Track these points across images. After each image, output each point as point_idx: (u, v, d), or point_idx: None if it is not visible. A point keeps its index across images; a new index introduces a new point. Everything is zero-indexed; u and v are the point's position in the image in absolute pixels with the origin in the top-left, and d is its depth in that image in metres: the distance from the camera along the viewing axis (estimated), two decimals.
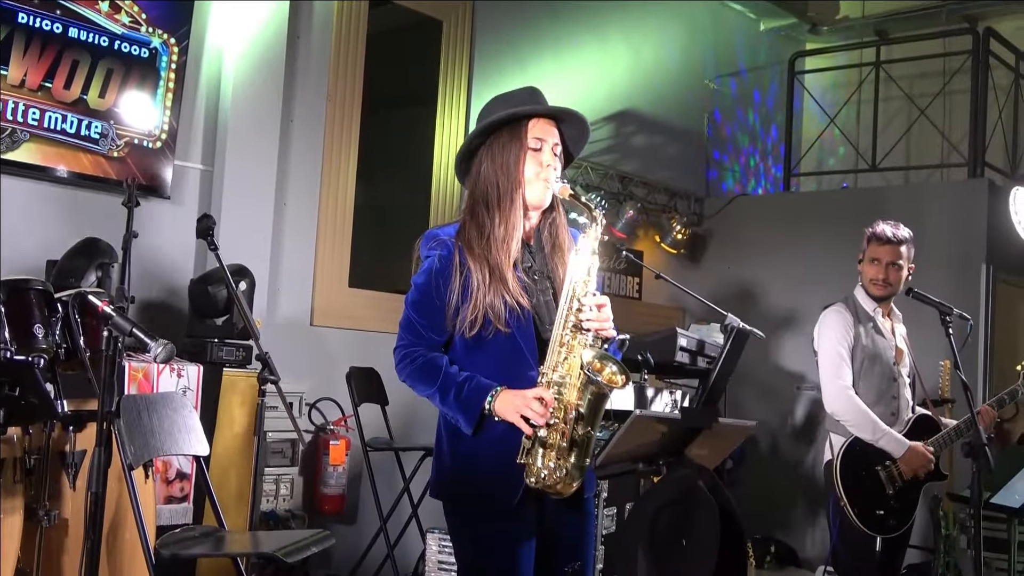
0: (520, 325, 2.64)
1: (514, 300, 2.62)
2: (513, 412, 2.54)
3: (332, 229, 5.91)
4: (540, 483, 2.54)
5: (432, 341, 2.74)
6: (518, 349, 2.64)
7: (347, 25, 5.98)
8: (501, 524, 2.63)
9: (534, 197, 2.72)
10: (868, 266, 4.40)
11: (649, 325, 6.66)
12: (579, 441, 2.53)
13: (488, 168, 2.73)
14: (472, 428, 2.60)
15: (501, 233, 2.67)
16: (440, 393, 2.65)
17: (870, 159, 7.96)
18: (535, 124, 2.73)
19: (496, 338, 2.63)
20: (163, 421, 3.71)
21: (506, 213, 2.68)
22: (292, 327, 5.67)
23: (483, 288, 2.62)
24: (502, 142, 2.73)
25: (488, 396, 2.58)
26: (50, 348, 3.20)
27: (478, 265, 2.65)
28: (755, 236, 7.88)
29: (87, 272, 4.15)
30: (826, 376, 4.34)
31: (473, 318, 2.62)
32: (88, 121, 4.81)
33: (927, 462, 4.23)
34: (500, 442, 2.59)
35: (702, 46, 8.41)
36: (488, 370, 2.64)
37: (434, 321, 2.71)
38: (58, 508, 3.33)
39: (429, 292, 2.72)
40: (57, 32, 4.68)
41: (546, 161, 2.72)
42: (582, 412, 2.53)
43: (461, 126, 6.58)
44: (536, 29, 7.06)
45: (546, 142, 2.73)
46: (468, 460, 2.66)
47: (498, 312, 2.61)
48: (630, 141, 7.77)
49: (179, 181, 5.20)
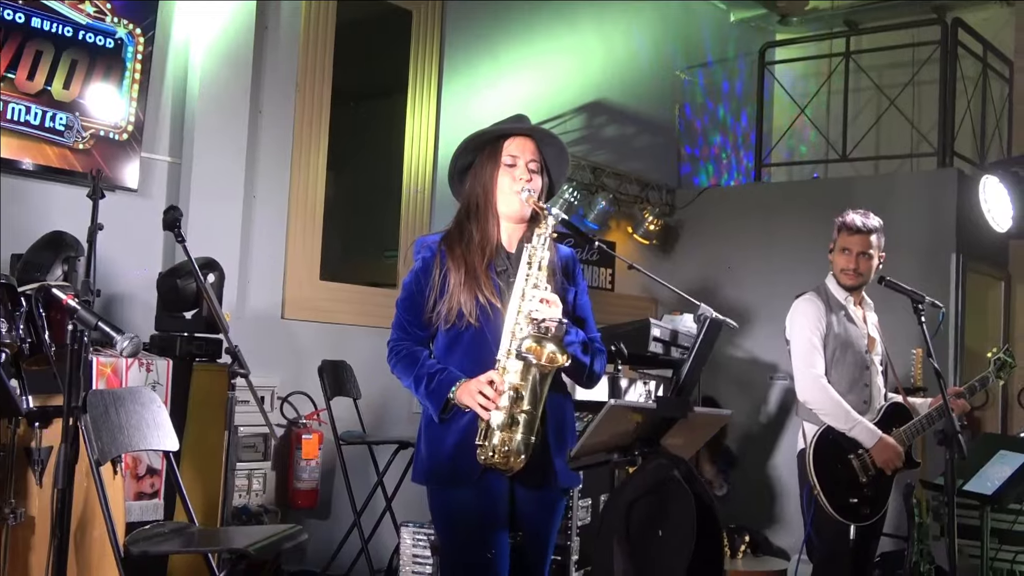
0: (488, 320, 2.94)
1: (485, 299, 2.94)
2: (469, 397, 2.85)
3: (302, 221, 5.86)
4: (488, 460, 2.83)
5: (417, 336, 3.06)
6: (486, 342, 2.94)
7: (316, 15, 5.92)
8: (470, 493, 2.91)
9: (508, 208, 3.04)
10: (839, 256, 4.40)
11: (622, 316, 6.64)
12: (520, 420, 2.81)
13: (472, 184, 3.10)
14: (438, 413, 2.92)
15: (478, 238, 3.02)
16: (415, 382, 2.98)
17: (840, 149, 7.98)
18: (511, 143, 3.07)
19: (469, 331, 2.95)
20: (131, 416, 3.66)
21: (482, 222, 3.04)
22: (263, 320, 5.61)
23: (459, 286, 2.95)
24: (482, 161, 3.08)
25: (453, 386, 2.90)
26: (13, 343, 3.15)
27: (456, 265, 2.98)
28: (727, 226, 7.89)
29: (53, 266, 4.09)
30: (799, 365, 4.34)
31: (448, 310, 2.95)
32: (53, 113, 4.73)
33: (897, 455, 4.24)
34: (465, 427, 2.91)
35: (673, 37, 8.41)
36: (462, 362, 2.96)
37: (418, 317, 3.04)
38: (24, 506, 3.28)
39: (413, 291, 3.05)
40: (20, 22, 4.60)
41: (519, 175, 3.02)
42: (522, 393, 2.80)
43: (432, 117, 6.54)
44: (507, 20, 7.03)
45: (519, 158, 3.05)
46: (436, 444, 2.97)
47: (470, 308, 2.93)
48: (602, 132, 7.76)
49: (146, 174, 5.14)
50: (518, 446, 2.81)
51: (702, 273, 7.72)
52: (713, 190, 8.25)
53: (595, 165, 7.48)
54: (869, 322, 4.47)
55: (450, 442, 2.93)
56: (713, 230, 7.97)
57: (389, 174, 6.49)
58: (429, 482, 3.00)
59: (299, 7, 5.84)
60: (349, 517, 5.46)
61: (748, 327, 7.08)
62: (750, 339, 7.36)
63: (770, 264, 7.42)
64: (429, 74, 6.55)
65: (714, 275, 7.68)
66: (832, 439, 4.23)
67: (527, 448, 2.82)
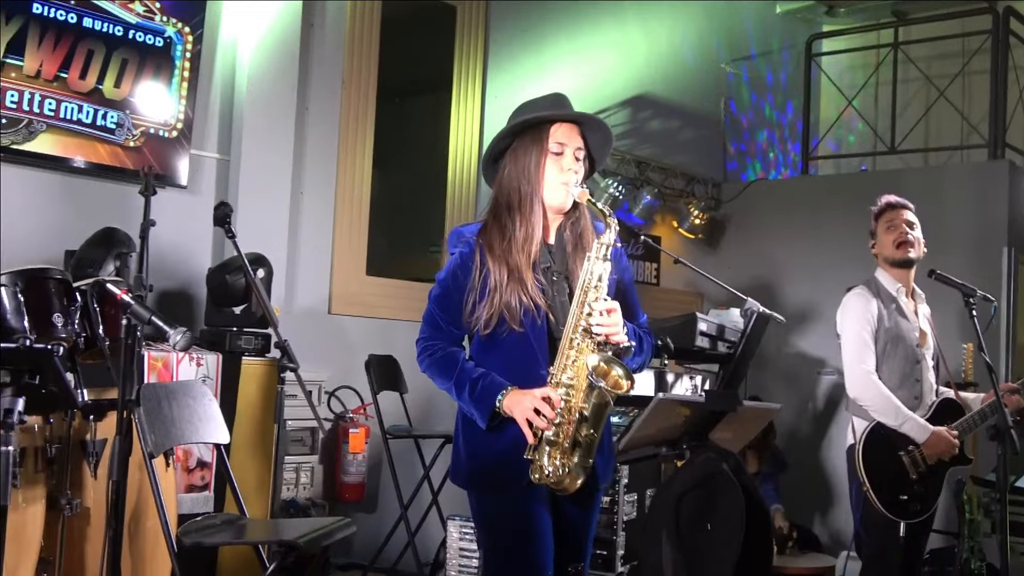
0: (534, 325, 2.72)
1: (530, 301, 2.70)
2: (520, 413, 2.63)
3: (349, 217, 5.90)
4: (544, 479, 2.64)
5: (452, 335, 2.84)
6: (530, 348, 2.72)
7: (361, 12, 5.95)
8: (516, 500, 2.71)
9: (554, 200, 2.80)
10: (886, 234, 4.33)
11: (667, 310, 6.62)
12: (582, 442, 2.62)
13: (511, 171, 2.82)
14: (486, 422, 2.70)
15: (521, 235, 2.75)
16: (456, 388, 2.76)
17: (889, 141, 7.89)
18: (557, 129, 2.81)
19: (510, 337, 2.72)
20: (183, 410, 3.71)
21: (526, 216, 2.77)
22: (310, 315, 5.66)
23: (500, 288, 2.71)
24: (525, 146, 2.81)
25: (500, 394, 2.67)
26: (69, 337, 3.20)
27: (497, 265, 2.73)
28: (773, 220, 7.83)
29: (105, 262, 4.14)
30: (849, 360, 4.29)
31: (488, 316, 2.72)
32: (104, 111, 4.81)
33: (951, 447, 4.18)
34: (511, 435, 2.68)
35: (718, 30, 8.36)
36: (501, 367, 2.74)
37: (454, 316, 2.80)
38: (80, 497, 3.33)
39: (449, 288, 2.81)
40: (72, 22, 4.67)
41: (567, 165, 2.78)
42: (586, 415, 2.60)
43: (476, 112, 6.55)
44: (550, 14, 7.02)
45: (567, 146, 2.80)
46: (480, 450, 2.77)
47: (513, 312, 2.70)
48: (647, 126, 7.74)
49: (195, 170, 5.20)
50: (576, 469, 2.63)
51: (748, 267, 7.67)
52: (759, 183, 8.19)
53: (640, 159, 7.45)
54: (921, 315, 4.41)
55: (496, 448, 2.74)
56: (759, 224, 7.91)
57: (434, 170, 6.51)
58: (471, 487, 2.84)
59: (345, 5, 5.88)
60: (396, 510, 5.49)
61: (795, 322, 7.03)
62: (797, 334, 7.30)
63: (817, 258, 7.35)
64: (473, 70, 6.57)
65: (760, 269, 7.63)
66: (883, 435, 4.18)
67: (585, 471, 2.65)
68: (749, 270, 7.62)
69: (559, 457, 2.61)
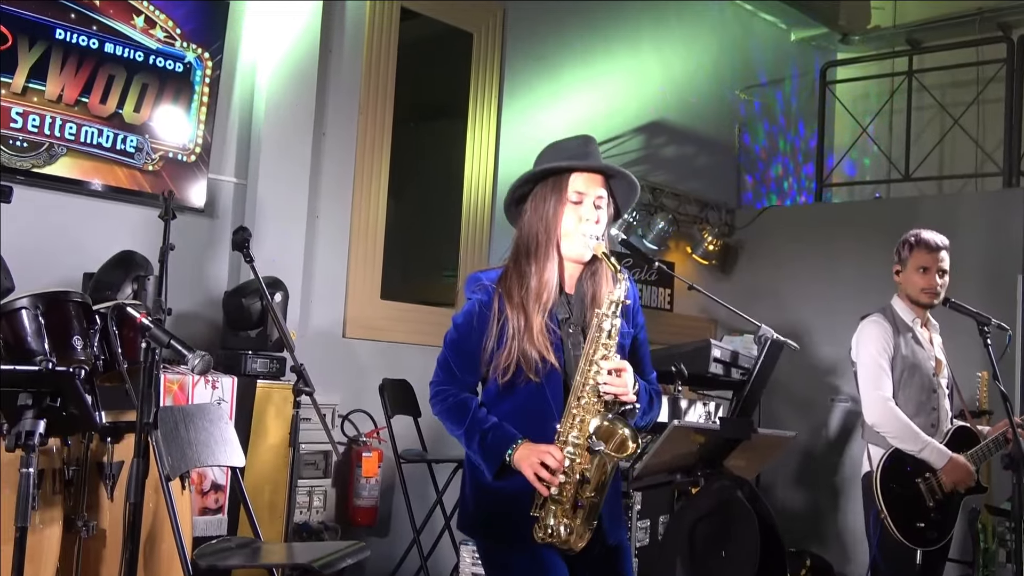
0: (550, 376, 2.68)
1: (547, 350, 2.66)
2: (528, 468, 2.59)
3: (364, 241, 5.92)
4: (548, 539, 2.60)
5: (465, 382, 2.79)
6: (545, 400, 2.68)
7: (378, 38, 6.00)
8: (529, 550, 2.65)
9: (570, 250, 2.75)
10: (916, 276, 4.31)
11: (681, 336, 6.63)
12: (584, 504, 2.58)
13: (531, 217, 2.77)
14: (492, 474, 2.66)
15: (535, 285, 2.71)
16: (466, 436, 2.71)
17: (903, 169, 7.90)
18: (577, 177, 2.75)
19: (527, 387, 2.68)
20: (199, 433, 3.73)
21: (542, 264, 2.72)
22: (324, 339, 5.68)
23: (518, 336, 2.67)
24: (544, 193, 2.75)
25: (510, 447, 2.63)
26: (88, 359, 3.23)
27: (515, 313, 2.69)
28: (787, 247, 7.84)
29: (123, 284, 4.17)
30: (866, 387, 4.28)
31: (507, 365, 2.68)
32: (124, 135, 4.85)
33: (969, 475, 4.17)
34: (518, 485, 2.64)
35: (732, 57, 8.39)
36: (514, 417, 2.70)
37: (468, 363, 2.77)
38: (96, 519, 3.35)
39: (465, 334, 2.77)
40: (93, 48, 4.72)
41: (585, 215, 2.73)
42: (587, 476, 2.57)
43: (492, 137, 6.59)
44: (567, 41, 7.07)
45: (586, 196, 2.74)
46: (487, 498, 2.73)
47: (530, 361, 2.65)
48: (661, 152, 7.76)
49: (213, 194, 5.24)
50: (580, 529, 2.60)
51: (762, 294, 7.67)
52: (773, 210, 8.20)
53: (654, 185, 7.48)
54: (935, 344, 4.41)
55: (504, 501, 2.69)
56: (773, 251, 7.91)
57: (449, 195, 6.54)
58: (479, 536, 2.81)
59: (363, 31, 5.93)
60: (408, 535, 5.49)
61: (809, 349, 7.02)
62: (811, 361, 7.29)
63: (831, 285, 7.35)
64: (489, 95, 6.61)
65: (773, 296, 7.63)
66: (900, 462, 4.17)
67: (589, 531, 2.62)
68: (762, 296, 7.62)
69: (563, 517, 2.59)
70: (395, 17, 6.08)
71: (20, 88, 4.50)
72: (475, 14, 6.57)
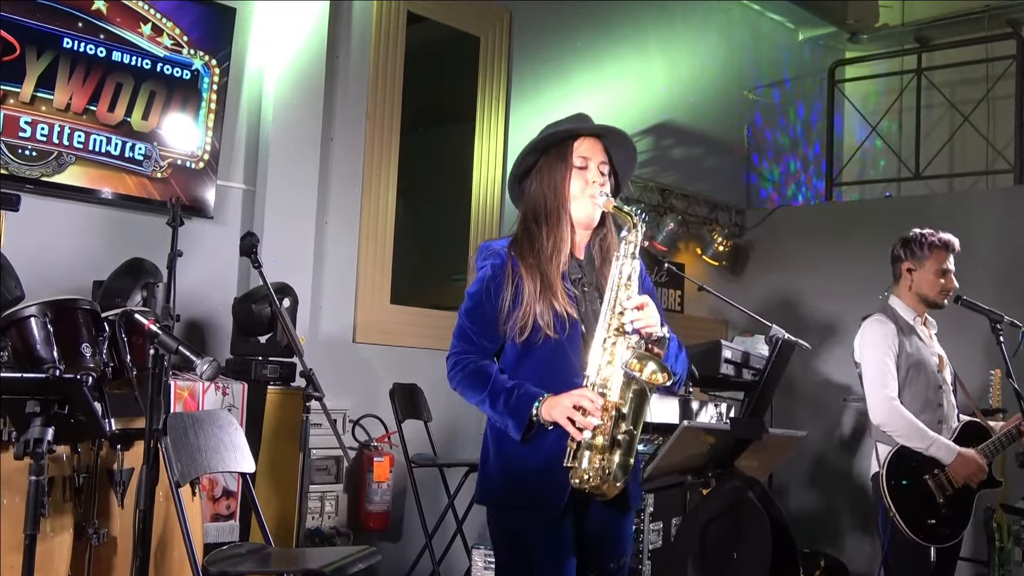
0: (568, 333, 2.72)
1: (563, 308, 2.71)
2: (560, 413, 2.60)
3: (373, 246, 5.92)
4: (585, 484, 2.60)
5: (484, 348, 2.82)
6: (565, 356, 2.72)
7: (385, 43, 6.01)
8: (543, 530, 2.69)
9: (580, 213, 2.83)
10: (935, 277, 4.30)
11: (692, 338, 6.58)
12: (621, 441, 2.59)
13: (537, 187, 2.85)
14: (521, 433, 2.67)
15: (549, 246, 2.78)
16: (490, 399, 2.72)
17: (913, 167, 7.87)
18: (580, 143, 2.85)
19: (545, 345, 2.72)
20: (209, 439, 3.73)
21: (554, 228, 2.80)
22: (334, 344, 5.68)
23: (534, 296, 2.72)
24: (550, 163, 2.84)
25: (536, 402, 2.65)
26: (97, 367, 3.23)
27: (530, 274, 2.75)
28: (797, 247, 7.81)
29: (133, 292, 4.18)
30: (871, 387, 4.27)
31: (524, 324, 2.72)
32: (132, 143, 4.86)
33: (979, 468, 4.15)
34: (550, 449, 2.66)
35: (740, 57, 8.37)
36: (536, 376, 2.72)
37: (486, 327, 2.80)
38: (107, 526, 3.35)
39: (481, 299, 2.81)
40: (101, 56, 4.74)
41: (591, 178, 2.81)
42: (623, 412, 2.59)
43: (500, 141, 6.59)
44: (573, 43, 7.06)
45: (591, 160, 2.83)
46: (515, 465, 2.73)
47: (547, 320, 2.70)
48: (669, 153, 7.75)
49: (222, 201, 5.25)
50: (616, 470, 2.60)
51: (772, 294, 7.65)
52: (783, 210, 8.18)
53: (663, 186, 7.46)
54: (935, 341, 4.41)
55: (533, 465, 2.69)
56: (783, 251, 7.89)
57: (457, 199, 6.54)
58: (501, 506, 2.79)
59: (369, 36, 5.94)
60: (420, 539, 5.49)
61: (820, 349, 6.99)
62: (822, 361, 7.26)
63: (842, 285, 7.31)
64: (497, 99, 6.61)
65: (784, 296, 7.60)
66: (906, 459, 4.16)
67: (626, 472, 2.62)
68: (773, 297, 7.60)
69: (599, 459, 2.59)
70: (402, 21, 6.09)
71: (28, 97, 4.52)
72: (482, 18, 6.57)
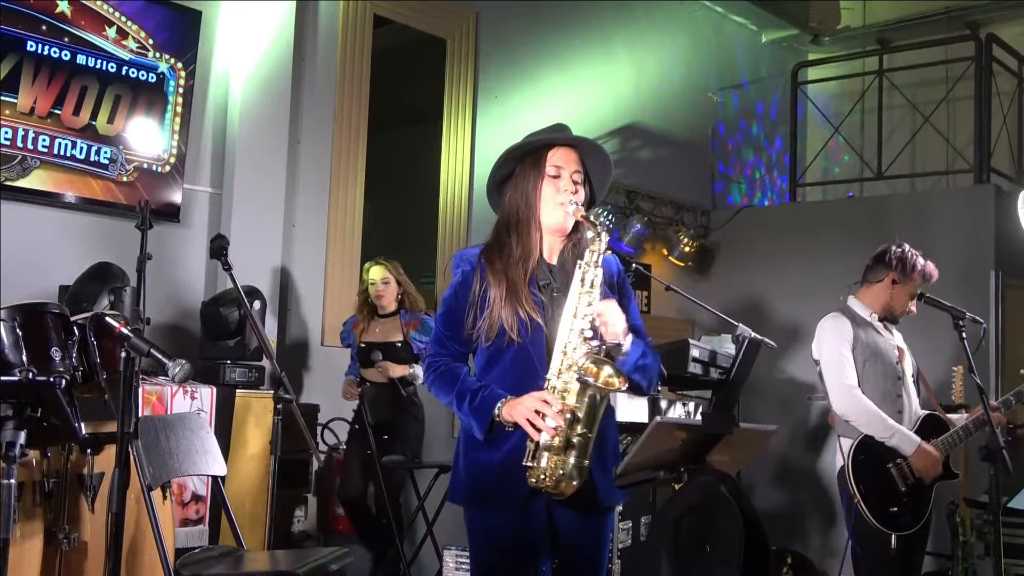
0: (531, 337, 2.80)
1: (527, 313, 2.79)
2: (520, 414, 2.70)
3: (341, 249, 5.92)
4: (540, 483, 2.68)
5: (456, 352, 2.93)
6: (529, 359, 2.80)
7: (352, 45, 6.01)
8: (510, 516, 2.78)
9: (551, 220, 2.90)
10: (905, 300, 4.38)
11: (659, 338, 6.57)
12: (575, 443, 2.67)
13: (512, 195, 2.95)
14: (484, 432, 2.77)
15: (519, 252, 2.87)
16: (457, 400, 2.84)
17: (875, 167, 7.96)
18: (554, 153, 2.93)
19: (511, 348, 2.81)
20: (180, 442, 3.71)
21: (524, 235, 2.89)
22: (302, 347, 5.68)
23: (499, 301, 2.81)
24: (525, 172, 2.93)
25: (498, 403, 2.75)
26: (67, 371, 3.21)
27: (496, 280, 2.84)
28: (762, 247, 7.88)
29: (100, 296, 4.16)
30: (831, 379, 4.33)
31: (490, 328, 2.82)
32: (97, 147, 4.84)
33: (936, 462, 4.21)
34: (512, 448, 2.76)
35: (705, 59, 8.45)
36: (503, 379, 2.82)
37: (457, 332, 2.90)
38: (77, 531, 3.32)
39: (452, 305, 2.92)
40: (66, 59, 4.71)
41: (563, 187, 2.88)
42: (579, 415, 2.67)
43: (467, 142, 6.60)
44: (540, 45, 7.09)
45: (564, 169, 2.91)
46: (479, 463, 2.83)
47: (511, 324, 2.79)
48: (636, 155, 7.80)
49: (188, 204, 5.23)
50: (571, 470, 2.67)
51: (738, 294, 7.70)
52: (748, 211, 8.24)
53: (629, 188, 7.50)
54: (896, 335, 4.48)
55: (494, 462, 2.79)
56: (749, 251, 7.95)
57: (426, 200, 6.55)
58: (469, 503, 2.88)
59: (335, 38, 5.93)
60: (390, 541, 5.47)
61: (785, 348, 7.04)
62: (787, 360, 7.32)
63: (807, 284, 7.36)
64: (464, 101, 6.62)
65: (750, 296, 7.66)
66: (870, 449, 4.21)
67: (580, 473, 2.68)
68: (739, 297, 7.66)
69: (555, 460, 2.67)
70: (368, 23, 6.09)
71: None
72: (448, 20, 6.58)
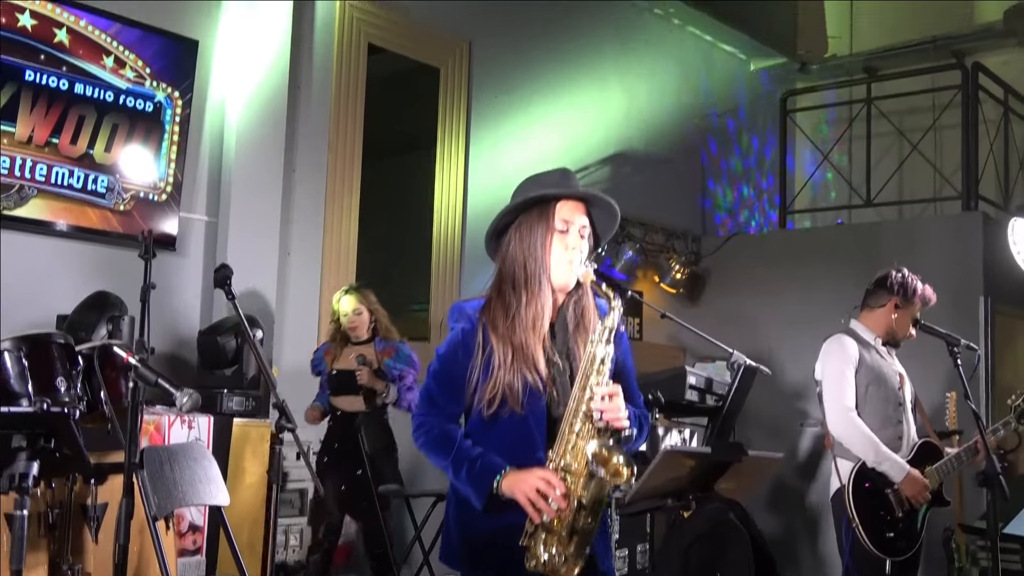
0: (535, 407, 2.64)
1: (537, 380, 2.62)
2: (522, 493, 2.53)
3: (336, 277, 5.92)
4: (540, 567, 2.53)
5: (449, 412, 2.73)
6: (528, 431, 2.64)
7: (347, 74, 6.04)
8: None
9: (558, 278, 2.70)
10: (905, 325, 4.42)
11: (651, 365, 6.64)
12: (579, 530, 2.53)
13: (516, 248, 2.72)
14: (483, 503, 2.60)
15: (529, 314, 2.66)
16: (453, 466, 2.65)
17: (864, 195, 8.03)
18: (562, 206, 2.72)
19: (509, 418, 2.63)
20: (184, 472, 3.70)
21: (534, 295, 2.68)
22: (297, 376, 5.65)
23: (504, 367, 2.62)
24: (530, 223, 2.72)
25: (498, 475, 2.58)
26: (72, 401, 3.20)
27: (501, 344, 2.65)
28: (753, 274, 7.92)
29: (98, 325, 4.16)
30: (830, 397, 4.34)
31: (492, 396, 2.63)
32: (94, 176, 4.84)
33: (924, 489, 4.23)
34: (506, 521, 2.58)
35: (695, 88, 8.51)
36: (499, 447, 2.64)
37: (452, 393, 2.71)
38: (81, 562, 3.31)
39: (449, 364, 2.71)
40: (63, 88, 4.72)
41: (571, 244, 2.69)
42: (584, 503, 2.52)
43: (460, 171, 6.63)
44: (532, 74, 7.14)
45: (573, 224, 2.71)
46: (476, 529, 2.66)
47: (515, 393, 2.61)
48: (627, 182, 7.83)
49: (185, 233, 5.23)
50: (573, 558, 2.53)
51: (729, 321, 7.72)
52: (738, 238, 8.29)
53: (621, 215, 7.52)
54: (895, 359, 4.51)
55: (491, 527, 2.62)
56: (739, 278, 7.99)
57: (419, 228, 6.56)
58: (464, 567, 2.70)
59: (330, 67, 5.96)
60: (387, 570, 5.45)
61: (777, 375, 7.06)
62: (779, 387, 7.34)
63: (798, 311, 7.41)
64: (457, 129, 6.65)
65: (741, 323, 7.69)
66: (869, 473, 4.23)
67: (582, 559, 2.54)
68: (729, 323, 7.68)
69: (555, 546, 2.52)
70: (363, 53, 6.12)
71: None
72: (441, 49, 6.62)
